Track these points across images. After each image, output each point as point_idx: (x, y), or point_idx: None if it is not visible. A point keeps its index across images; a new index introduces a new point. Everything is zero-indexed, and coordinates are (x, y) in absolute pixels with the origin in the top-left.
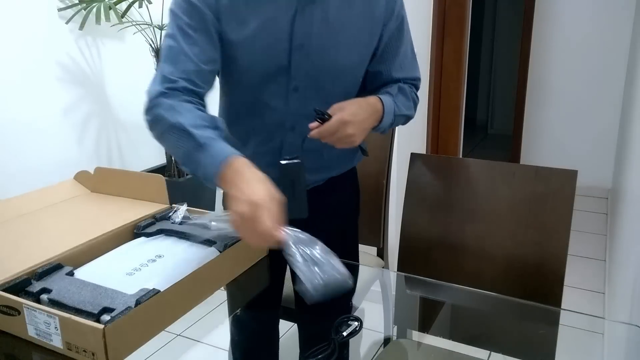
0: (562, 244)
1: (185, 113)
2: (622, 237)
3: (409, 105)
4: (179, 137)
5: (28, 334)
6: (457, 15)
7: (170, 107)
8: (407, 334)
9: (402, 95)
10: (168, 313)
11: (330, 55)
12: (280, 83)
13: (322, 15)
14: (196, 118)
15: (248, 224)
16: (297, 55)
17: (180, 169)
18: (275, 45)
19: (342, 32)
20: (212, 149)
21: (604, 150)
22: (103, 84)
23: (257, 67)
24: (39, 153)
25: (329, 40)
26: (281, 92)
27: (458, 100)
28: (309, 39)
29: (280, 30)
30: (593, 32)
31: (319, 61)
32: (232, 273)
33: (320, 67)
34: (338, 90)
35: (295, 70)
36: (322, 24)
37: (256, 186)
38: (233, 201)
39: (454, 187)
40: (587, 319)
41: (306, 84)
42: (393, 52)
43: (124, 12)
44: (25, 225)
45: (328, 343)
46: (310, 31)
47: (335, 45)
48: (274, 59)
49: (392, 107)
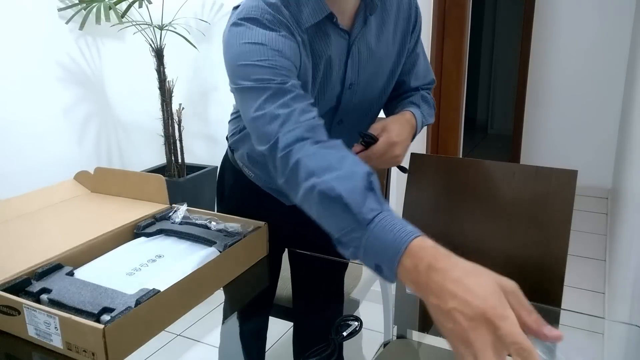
0: (562, 244)
1: (334, 171)
2: (622, 237)
3: (431, 112)
4: (329, 208)
5: (28, 334)
6: (457, 15)
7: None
8: (407, 334)
9: (426, 104)
10: (168, 313)
11: (374, 87)
12: (326, 118)
13: (369, 51)
14: (354, 180)
15: (484, 335)
16: (347, 94)
17: (180, 169)
18: (329, 90)
19: (381, 60)
20: (383, 236)
21: (604, 150)
22: (103, 84)
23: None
24: (39, 153)
25: (373, 72)
26: (326, 125)
27: (458, 100)
28: (357, 77)
29: (335, 76)
30: (593, 32)
31: (362, 96)
32: (232, 273)
33: (364, 100)
34: (373, 114)
35: (343, 107)
36: (369, 59)
37: (475, 282)
38: (446, 312)
39: (453, 187)
40: (587, 319)
41: (350, 116)
42: (412, 62)
43: (124, 12)
44: (25, 226)
45: (327, 343)
46: (358, 69)
47: (377, 76)
48: (326, 102)
49: (421, 119)
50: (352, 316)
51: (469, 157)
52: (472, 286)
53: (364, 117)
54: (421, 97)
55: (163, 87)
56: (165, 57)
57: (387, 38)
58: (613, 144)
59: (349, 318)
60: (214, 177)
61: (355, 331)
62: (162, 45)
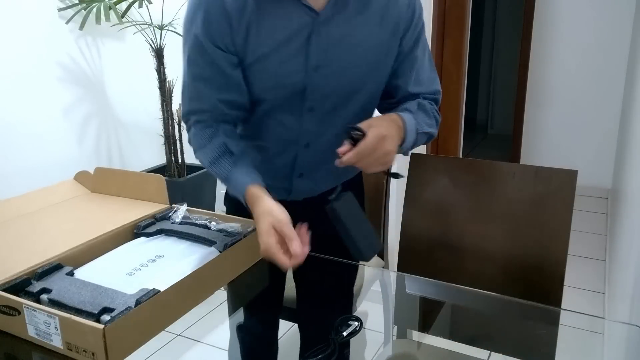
0: (562, 244)
1: (205, 150)
2: (622, 237)
3: (431, 123)
4: (211, 170)
5: (28, 334)
6: (457, 15)
7: (194, 137)
8: (407, 334)
9: (423, 112)
10: (168, 313)
11: (347, 75)
12: (294, 104)
13: (340, 34)
14: (212, 151)
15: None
16: (314, 76)
17: (180, 169)
18: (290, 67)
19: (360, 50)
20: (232, 182)
21: (604, 150)
22: (103, 84)
23: (272, 89)
24: (39, 153)
25: (346, 59)
26: (295, 112)
27: (458, 100)
28: (325, 60)
29: (295, 52)
30: (593, 32)
31: (335, 82)
32: (232, 273)
33: (337, 87)
34: (356, 108)
35: (311, 92)
36: (340, 43)
37: (260, 225)
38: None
39: (454, 187)
40: (587, 319)
41: (322, 104)
42: (410, 65)
43: (124, 12)
44: (25, 225)
45: (328, 343)
46: (326, 51)
47: (352, 65)
48: (289, 81)
49: (414, 125)
50: (352, 316)
51: (469, 157)
52: (258, 226)
53: (343, 115)
54: (418, 104)
55: (163, 87)
56: (165, 57)
57: (369, 25)
58: (613, 144)
59: (349, 318)
60: (214, 178)
61: (355, 331)
62: (162, 45)
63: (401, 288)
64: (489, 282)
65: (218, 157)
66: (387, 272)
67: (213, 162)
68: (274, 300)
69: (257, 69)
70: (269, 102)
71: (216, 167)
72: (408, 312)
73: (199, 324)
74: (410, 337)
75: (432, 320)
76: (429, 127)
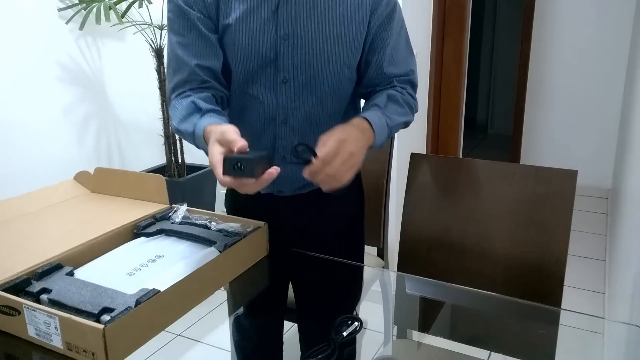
0: (562, 244)
1: (175, 113)
2: (622, 237)
3: (404, 111)
4: (183, 136)
5: (28, 334)
6: (457, 15)
7: (172, 109)
8: (407, 334)
9: (393, 103)
10: (168, 313)
11: (316, 45)
12: (268, 75)
13: (308, 5)
14: (182, 111)
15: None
16: (284, 45)
17: (180, 169)
18: (260, 35)
19: (329, 21)
20: (197, 132)
21: (604, 150)
22: (103, 84)
23: (244, 59)
24: (39, 153)
25: (315, 30)
26: (270, 84)
27: (458, 100)
28: (294, 29)
29: (264, 21)
30: (593, 32)
31: (305, 52)
32: (232, 273)
33: (308, 57)
34: (328, 82)
35: (282, 62)
36: (308, 13)
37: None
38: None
39: (453, 187)
40: (587, 319)
41: (295, 75)
42: (382, 42)
43: (124, 12)
44: (25, 226)
45: (328, 343)
46: (295, 20)
47: (321, 35)
48: (260, 50)
49: (383, 122)
50: (352, 316)
51: (469, 157)
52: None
53: (317, 88)
54: (387, 96)
55: (163, 87)
56: (165, 57)
57: (340, 1)
58: (613, 144)
59: (349, 318)
60: (214, 177)
61: (355, 331)
62: (162, 45)
63: (401, 288)
64: (489, 282)
65: (187, 115)
66: (387, 272)
67: (182, 120)
68: (277, 300)
69: (230, 37)
70: (245, 74)
71: (184, 124)
72: (408, 312)
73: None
74: (410, 337)
75: (432, 320)
76: (403, 116)
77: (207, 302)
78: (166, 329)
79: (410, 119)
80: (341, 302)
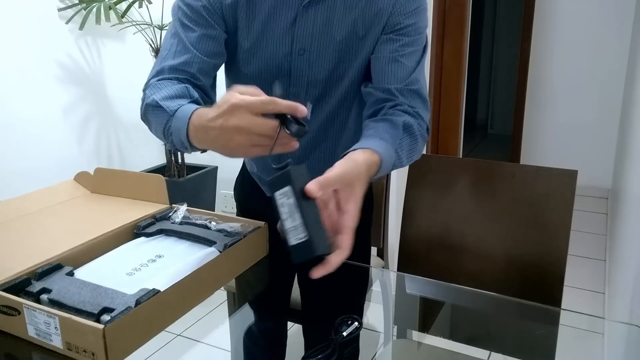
0: (562, 244)
1: (162, 89)
2: (622, 237)
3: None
4: (155, 114)
5: (28, 334)
6: (457, 15)
7: (152, 87)
8: (407, 334)
9: (409, 137)
10: (168, 313)
11: (330, 62)
12: (283, 85)
13: (324, 19)
14: (170, 91)
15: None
16: (298, 61)
17: (180, 169)
18: (276, 51)
19: (341, 36)
20: (179, 114)
21: (604, 150)
22: (103, 84)
23: (259, 73)
24: (39, 153)
25: (328, 45)
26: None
27: (458, 100)
28: (310, 44)
29: (280, 35)
30: (593, 32)
31: (319, 68)
32: (232, 273)
33: (321, 74)
34: (337, 97)
35: (296, 78)
36: (323, 28)
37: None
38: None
39: (453, 187)
40: (587, 319)
41: (307, 91)
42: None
43: (124, 12)
44: (25, 226)
45: (328, 343)
46: (311, 36)
47: (334, 51)
48: (275, 64)
49: (392, 161)
50: (352, 316)
51: (469, 157)
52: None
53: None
54: (404, 125)
55: None
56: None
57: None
58: (613, 144)
59: (349, 318)
60: (214, 177)
61: (355, 331)
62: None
63: (401, 288)
64: (489, 282)
65: (175, 96)
66: (387, 272)
67: (166, 97)
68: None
69: (246, 50)
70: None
71: (168, 101)
72: (408, 312)
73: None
74: (410, 337)
75: (432, 320)
76: (410, 154)
77: (207, 302)
78: (166, 329)
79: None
80: (347, 303)
